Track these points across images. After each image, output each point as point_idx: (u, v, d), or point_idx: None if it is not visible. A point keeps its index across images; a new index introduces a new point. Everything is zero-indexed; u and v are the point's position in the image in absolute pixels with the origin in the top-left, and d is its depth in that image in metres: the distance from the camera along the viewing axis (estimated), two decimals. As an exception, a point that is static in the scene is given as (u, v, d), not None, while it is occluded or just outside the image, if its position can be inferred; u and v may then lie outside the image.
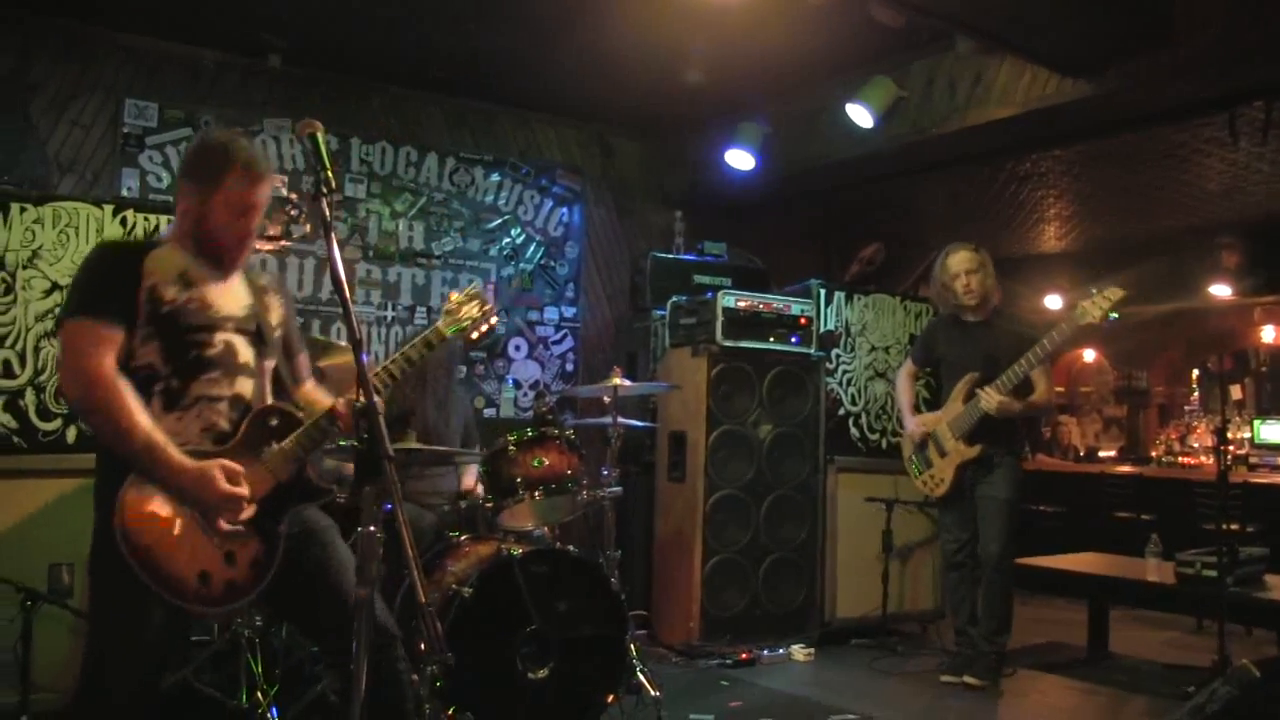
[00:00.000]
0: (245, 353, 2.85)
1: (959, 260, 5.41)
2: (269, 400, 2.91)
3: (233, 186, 2.78)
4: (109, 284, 2.69)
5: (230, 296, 2.87)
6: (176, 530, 2.61)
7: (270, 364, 2.94)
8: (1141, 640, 6.57)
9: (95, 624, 2.76)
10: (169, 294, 2.72)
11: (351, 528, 2.42)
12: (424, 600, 2.15)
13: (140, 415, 2.59)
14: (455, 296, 3.12)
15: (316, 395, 3.10)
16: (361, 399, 2.30)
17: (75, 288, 2.76)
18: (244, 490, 2.66)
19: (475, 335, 3.16)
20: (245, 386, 2.83)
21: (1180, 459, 10.04)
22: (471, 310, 3.08)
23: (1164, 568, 5.99)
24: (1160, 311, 10.57)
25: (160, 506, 2.60)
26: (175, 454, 2.60)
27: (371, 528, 2.23)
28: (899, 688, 5.46)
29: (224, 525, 2.65)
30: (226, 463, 2.66)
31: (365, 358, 2.33)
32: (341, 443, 2.75)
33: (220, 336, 2.80)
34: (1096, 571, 6.33)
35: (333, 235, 2.37)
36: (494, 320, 3.16)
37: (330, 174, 2.43)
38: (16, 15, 5.81)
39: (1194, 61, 5.07)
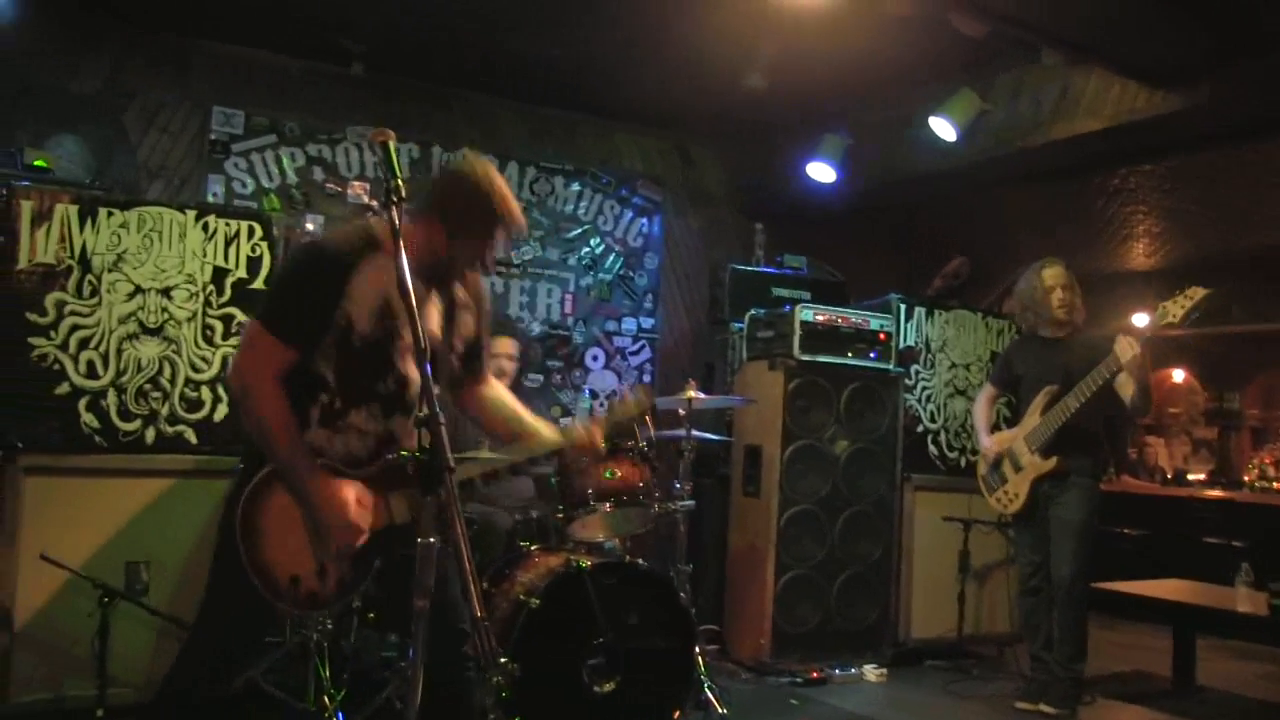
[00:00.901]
0: (415, 386, 2.84)
1: (1055, 274, 5.29)
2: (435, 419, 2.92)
3: (492, 243, 2.85)
4: (305, 305, 2.72)
5: (423, 323, 2.87)
6: (288, 529, 2.69)
7: (444, 391, 2.98)
8: (1232, 673, 6.36)
9: (204, 602, 2.86)
10: (363, 326, 2.74)
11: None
12: (480, 614, 2.14)
13: (287, 434, 2.67)
14: (630, 401, 3.16)
15: (497, 402, 3.20)
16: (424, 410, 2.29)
17: (275, 290, 2.83)
18: (366, 522, 2.71)
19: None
20: (400, 425, 2.86)
21: (1275, 484, 9.72)
22: (630, 421, 3.16)
23: (1256, 598, 5.78)
24: (1255, 331, 10.28)
25: (283, 504, 2.70)
26: (316, 476, 2.67)
27: (431, 539, 2.22)
28: (973, 712, 5.33)
29: (335, 548, 2.70)
30: (361, 490, 2.72)
31: (428, 369, 2.32)
32: (403, 453, 2.75)
33: (397, 372, 2.82)
34: (1183, 599, 6.13)
35: (401, 243, 2.37)
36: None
37: (400, 182, 2.43)
38: (112, 26, 5.96)
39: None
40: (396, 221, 2.40)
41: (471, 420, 3.23)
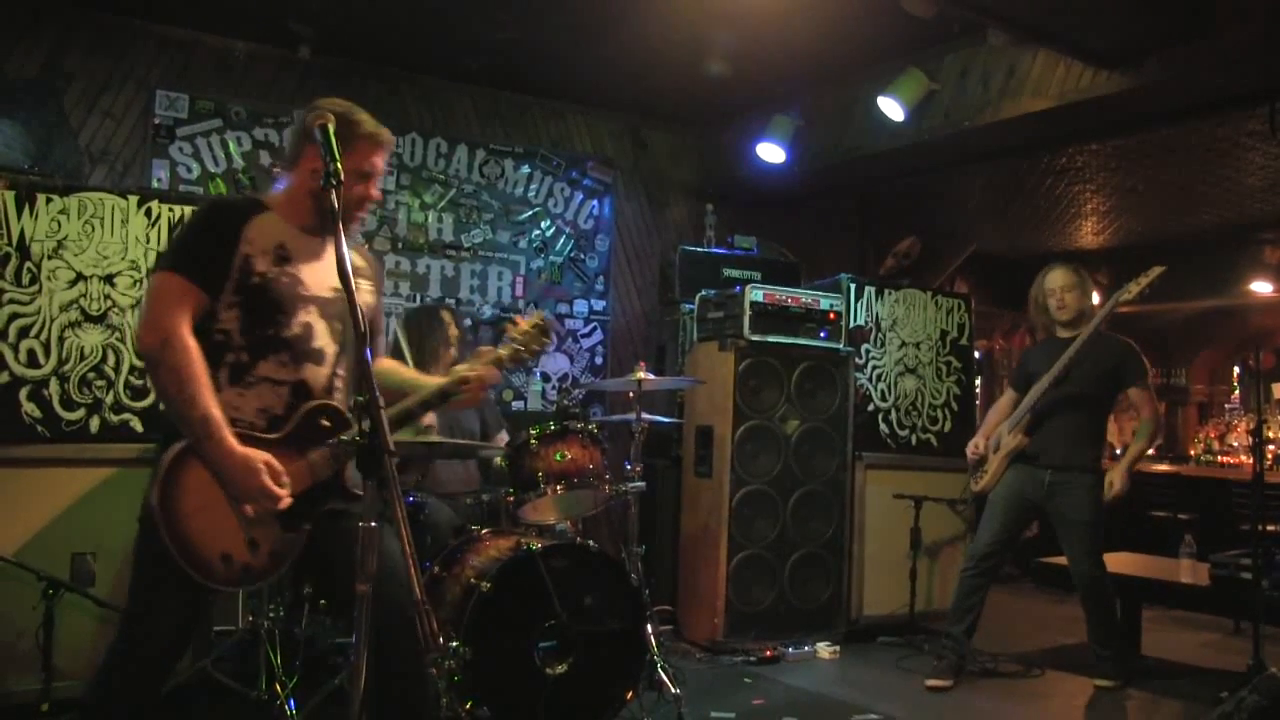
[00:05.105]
0: (322, 337, 2.88)
1: (1055, 277, 5.41)
2: (338, 388, 2.94)
3: (362, 152, 2.85)
4: (207, 246, 2.73)
5: (321, 276, 2.89)
6: (210, 508, 2.65)
7: (346, 348, 2.96)
8: (1176, 642, 6.47)
9: (131, 594, 2.81)
10: (261, 265, 2.76)
11: None
12: (420, 597, 2.14)
13: (205, 387, 2.63)
14: (524, 325, 3.12)
15: (387, 372, 3.23)
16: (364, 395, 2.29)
17: (175, 241, 2.80)
18: (284, 491, 2.68)
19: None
20: (312, 374, 2.86)
21: (1219, 458, 9.88)
22: (534, 344, 3.10)
23: (1198, 569, 5.89)
24: (1200, 309, 10.44)
25: (200, 482, 2.65)
26: (228, 436, 2.63)
27: (373, 523, 2.21)
28: (925, 688, 5.38)
29: (249, 511, 2.67)
30: (273, 460, 2.68)
31: (369, 353, 2.32)
32: (344, 438, 2.74)
33: (301, 318, 2.83)
34: (1129, 571, 6.21)
35: (339, 227, 2.38)
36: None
37: (339, 166, 2.44)
38: (50, 6, 5.85)
39: (1235, 53, 4.96)
40: (335, 204, 2.40)
41: None
